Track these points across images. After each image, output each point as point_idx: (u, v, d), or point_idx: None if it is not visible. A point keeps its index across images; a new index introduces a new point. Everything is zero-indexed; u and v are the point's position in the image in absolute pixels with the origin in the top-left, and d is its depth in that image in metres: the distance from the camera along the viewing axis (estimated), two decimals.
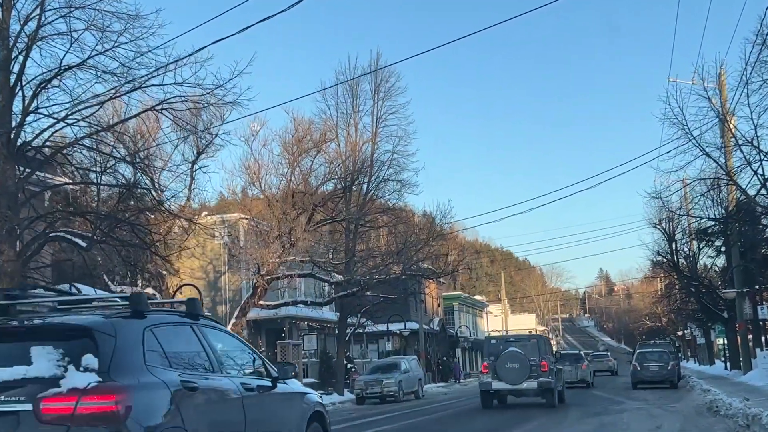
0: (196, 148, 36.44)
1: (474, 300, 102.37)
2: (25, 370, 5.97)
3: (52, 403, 5.78)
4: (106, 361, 6.14)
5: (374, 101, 43.41)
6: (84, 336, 6.28)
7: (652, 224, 49.01)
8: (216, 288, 43.79)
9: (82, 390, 5.82)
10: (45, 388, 5.83)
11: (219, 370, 7.67)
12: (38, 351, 6.08)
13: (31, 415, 5.77)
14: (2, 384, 5.90)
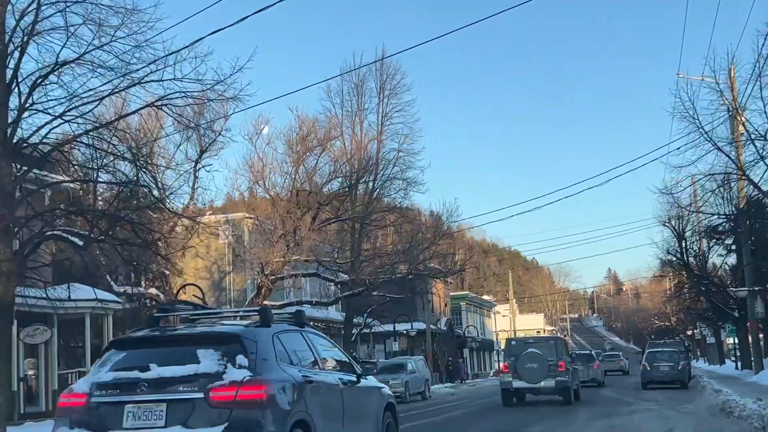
0: (199, 146, 36.10)
1: (482, 300, 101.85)
2: (196, 367, 7.81)
3: (218, 392, 7.62)
4: (253, 360, 8.03)
5: (380, 99, 43.04)
6: (235, 341, 8.19)
7: (662, 222, 48.46)
8: (221, 288, 43.37)
9: (239, 382, 7.68)
10: (212, 381, 7.67)
11: (323, 367, 9.71)
12: (203, 353, 7.97)
13: (203, 401, 7.60)
14: (179, 378, 7.72)
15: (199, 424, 7.60)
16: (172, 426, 7.64)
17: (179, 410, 7.64)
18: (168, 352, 8.21)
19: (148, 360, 8.03)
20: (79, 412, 7.94)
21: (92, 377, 8.18)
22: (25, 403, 26.04)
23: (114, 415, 7.78)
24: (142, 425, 7.71)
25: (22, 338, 24.21)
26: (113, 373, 8.07)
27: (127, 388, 7.86)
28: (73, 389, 8.26)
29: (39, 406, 26.34)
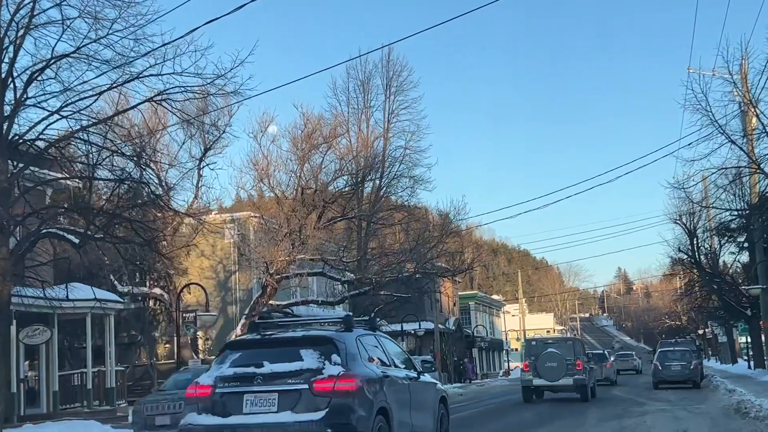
0: (203, 144, 35.69)
1: (491, 299, 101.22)
2: (300, 364, 9.66)
3: (320, 384, 9.45)
4: (344, 358, 9.81)
5: (386, 96, 42.67)
6: (329, 343, 9.99)
7: (673, 220, 47.83)
8: (226, 288, 42.91)
9: (336, 376, 9.50)
10: (314, 375, 9.51)
11: (393, 365, 11.41)
12: (305, 352, 9.83)
13: (308, 391, 9.43)
14: (288, 373, 9.56)
15: (304, 410, 9.44)
16: (283, 411, 9.50)
17: (288, 399, 9.53)
18: (275, 352, 10.10)
19: (260, 358, 9.90)
20: (205, 401, 9.90)
21: (215, 372, 10.15)
22: (26, 404, 25.61)
23: (235, 403, 9.68)
24: (259, 411, 9.57)
25: (21, 339, 23.80)
26: (233, 368, 9.97)
27: (246, 381, 9.72)
28: (199, 382, 10.23)
29: (40, 408, 25.90)
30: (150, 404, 19.93)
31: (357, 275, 36.33)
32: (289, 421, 9.40)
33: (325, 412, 9.35)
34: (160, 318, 36.64)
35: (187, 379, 21.81)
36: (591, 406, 25.55)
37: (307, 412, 9.40)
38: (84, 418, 25.09)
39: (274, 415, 9.47)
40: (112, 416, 25.50)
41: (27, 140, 19.34)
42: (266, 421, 9.46)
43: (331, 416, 9.32)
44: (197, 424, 9.85)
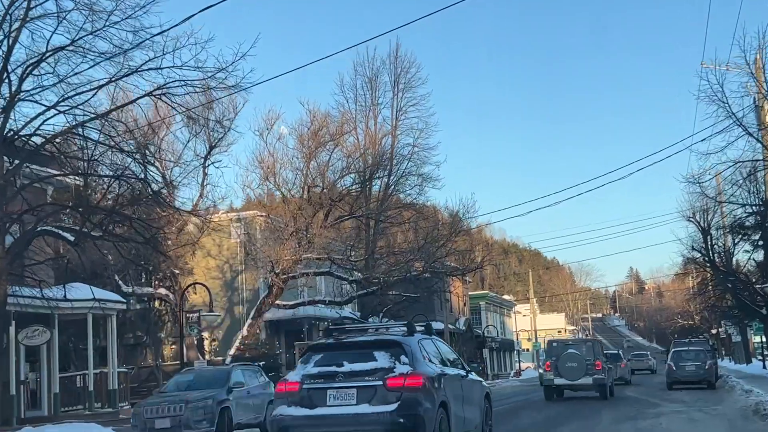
0: (208, 142, 35.17)
1: (501, 299, 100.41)
2: (375, 364, 11.15)
3: (392, 381, 10.90)
4: (410, 358, 11.29)
5: (394, 93, 42.10)
6: (397, 346, 11.50)
7: (686, 217, 47.07)
8: (233, 288, 42.42)
9: (405, 374, 10.95)
10: (387, 373, 10.98)
11: (447, 364, 12.83)
12: (378, 354, 11.32)
13: (382, 387, 10.87)
14: (365, 371, 11.04)
15: (379, 403, 10.94)
16: (361, 404, 10.99)
17: (365, 393, 11.03)
18: (351, 354, 11.60)
19: (340, 359, 11.42)
20: (294, 395, 11.35)
21: (301, 371, 11.61)
22: (27, 407, 25.11)
23: (320, 396, 11.18)
24: (340, 403, 11.06)
25: (20, 340, 23.31)
26: (317, 368, 11.48)
27: (329, 378, 11.23)
28: (288, 379, 11.72)
29: (41, 410, 25.40)
30: (150, 407, 19.42)
31: (364, 274, 35.74)
32: (367, 412, 10.98)
33: (397, 405, 10.93)
34: (166, 318, 36.14)
35: (188, 381, 21.35)
36: (604, 407, 24.97)
37: (381, 405, 10.98)
38: (85, 420, 24.60)
39: (354, 407, 11.05)
40: (114, 419, 25.01)
41: (23, 136, 18.82)
42: (347, 412, 11.05)
43: (402, 408, 10.91)
44: (287, 415, 11.33)
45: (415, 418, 10.91)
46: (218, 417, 19.12)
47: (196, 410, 18.94)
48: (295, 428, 11.23)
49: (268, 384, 22.95)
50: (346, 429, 10.99)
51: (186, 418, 18.79)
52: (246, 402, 20.85)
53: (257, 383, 22.15)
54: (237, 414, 20.11)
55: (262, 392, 22.10)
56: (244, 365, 23.93)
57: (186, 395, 19.62)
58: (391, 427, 10.86)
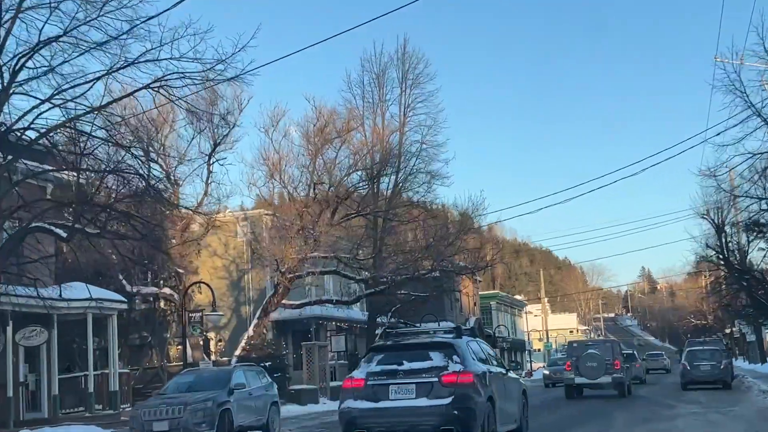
0: (212, 139, 34.59)
1: (512, 299, 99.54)
2: (431, 363, 12.61)
3: (447, 377, 12.31)
4: (461, 358, 12.70)
5: (402, 89, 41.23)
6: (449, 347, 12.95)
7: (700, 215, 46.24)
8: (239, 288, 41.81)
9: (457, 372, 12.38)
10: (441, 371, 12.41)
11: (490, 363, 14.20)
12: (433, 354, 12.77)
13: (438, 383, 12.29)
14: (422, 369, 12.50)
15: (435, 397, 12.31)
16: (419, 398, 12.38)
17: (423, 388, 12.40)
18: (409, 354, 13.06)
19: (400, 359, 12.90)
20: (359, 390, 12.71)
21: (365, 369, 13.00)
22: (26, 409, 24.55)
23: (383, 391, 12.55)
24: (401, 397, 12.46)
25: (18, 340, 22.74)
26: (380, 366, 12.89)
27: (390, 375, 12.66)
28: (353, 376, 13.18)
29: (41, 412, 24.83)
30: (148, 409, 18.85)
31: (372, 273, 35.08)
32: (425, 405, 12.37)
33: (452, 399, 12.31)
34: (171, 319, 35.56)
35: (188, 382, 20.76)
36: (618, 408, 24.39)
37: (438, 399, 12.36)
38: (85, 423, 24.08)
39: (413, 400, 12.45)
40: (115, 421, 24.46)
41: (16, 130, 18.24)
42: (408, 405, 12.44)
43: (456, 402, 12.29)
44: (354, 408, 12.72)
45: (468, 411, 12.38)
46: (218, 419, 18.52)
47: (196, 413, 18.35)
48: (362, 419, 12.64)
49: (270, 385, 22.37)
50: (407, 419, 12.48)
51: (185, 421, 18.20)
52: (248, 404, 20.26)
53: (259, 384, 21.56)
54: (238, 416, 19.51)
55: (265, 393, 21.52)
56: (247, 366, 23.32)
57: (185, 397, 19.05)
58: (447, 419, 12.29)
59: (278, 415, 22.34)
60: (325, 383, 37.65)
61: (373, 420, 12.50)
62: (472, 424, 12.34)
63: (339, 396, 13.86)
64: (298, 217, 33.24)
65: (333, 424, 27.14)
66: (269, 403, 21.47)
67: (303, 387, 35.90)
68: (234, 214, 40.14)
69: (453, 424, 12.22)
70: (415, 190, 39.21)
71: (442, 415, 12.23)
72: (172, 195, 34.97)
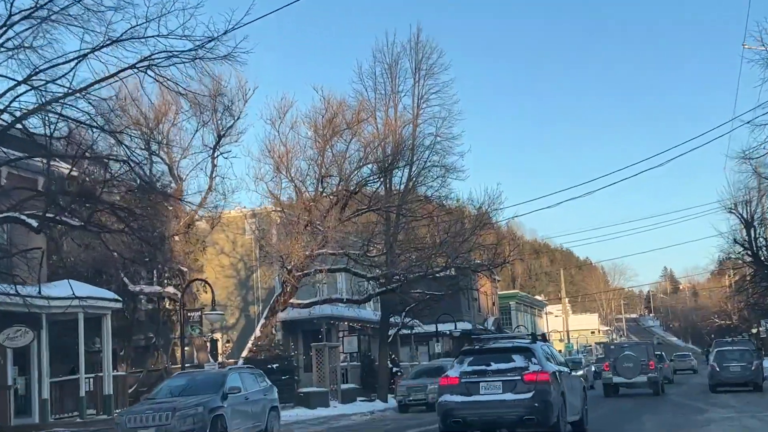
0: (216, 131, 33.14)
1: (532, 299, 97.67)
2: (514, 364, 14.98)
3: (528, 376, 14.64)
4: (538, 359, 15.06)
5: (415, 80, 39.58)
6: (528, 351, 15.32)
7: (728, 209, 44.42)
8: (247, 287, 40.39)
9: (536, 372, 14.71)
10: (523, 371, 14.75)
11: (559, 363, 16.53)
12: (515, 356, 15.19)
13: (521, 380, 14.64)
14: (507, 369, 14.89)
15: (519, 392, 14.46)
16: (505, 393, 14.55)
17: (508, 385, 14.59)
18: (495, 356, 15.28)
19: (487, 360, 15.13)
20: (454, 387, 15.01)
21: (458, 369, 15.29)
22: (15, 413, 23.13)
23: (475, 387, 14.79)
24: (490, 392, 14.66)
25: (2, 341, 21.39)
26: (471, 366, 15.13)
27: (480, 374, 14.89)
28: (449, 375, 15.43)
29: (32, 417, 23.42)
30: (133, 415, 17.37)
31: (383, 270, 33.48)
32: (510, 398, 14.57)
33: (532, 393, 14.44)
34: (175, 319, 34.10)
35: (181, 386, 19.30)
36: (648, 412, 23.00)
37: (521, 394, 14.52)
38: (76, 428, 22.74)
39: (500, 395, 14.66)
40: (108, 426, 22.91)
41: None
42: (496, 398, 14.67)
43: (536, 396, 14.42)
44: (451, 401, 15.05)
45: (546, 404, 14.52)
46: (210, 426, 17.02)
47: (185, 419, 16.86)
48: (457, 410, 14.98)
49: (270, 389, 20.83)
50: (495, 411, 14.73)
51: (172, 428, 16.72)
52: (243, 409, 18.75)
53: (257, 388, 20.03)
54: (232, 422, 18.01)
55: (263, 398, 19.99)
56: (244, 368, 21.81)
57: (175, 402, 17.57)
58: (529, 410, 14.48)
59: (278, 420, 20.84)
60: (336, 386, 36.11)
61: (466, 411, 14.92)
62: (549, 414, 14.58)
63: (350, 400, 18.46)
64: (306, 211, 31.69)
65: (341, 430, 25.85)
66: (268, 408, 19.98)
67: (312, 390, 34.38)
68: (242, 211, 38.65)
69: (534, 414, 14.49)
70: (428, 184, 37.59)
71: (525, 407, 14.50)
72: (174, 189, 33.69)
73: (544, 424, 14.55)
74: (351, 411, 32.98)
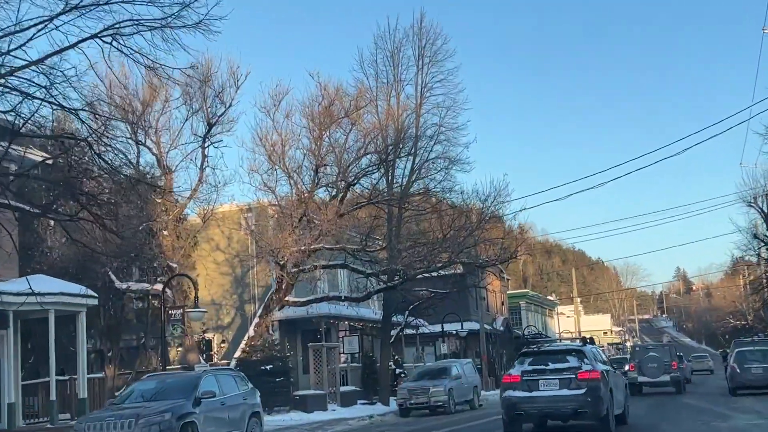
0: (207, 119, 31.38)
1: (543, 298, 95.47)
2: (568, 364, 17.16)
3: (581, 374, 16.71)
4: (589, 360, 17.27)
5: (418, 67, 37.85)
6: (580, 352, 17.64)
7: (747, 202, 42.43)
8: (244, 284, 38.66)
9: (589, 371, 16.78)
10: (577, 370, 16.86)
11: (603, 363, 18.74)
12: (569, 357, 17.42)
13: (575, 379, 16.68)
14: (563, 369, 17.04)
15: (573, 388, 16.75)
16: (562, 389, 16.90)
17: (564, 382, 16.92)
18: (551, 357, 17.77)
19: (545, 361, 17.58)
20: (516, 384, 17.31)
21: (519, 368, 17.60)
22: None
23: (535, 384, 17.11)
24: (548, 388, 17.02)
25: None
26: (531, 366, 17.52)
27: (540, 373, 17.24)
28: (511, 373, 17.75)
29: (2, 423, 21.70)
30: (92, 422, 15.58)
31: (383, 267, 31.62)
32: (566, 394, 16.68)
33: (585, 389, 16.53)
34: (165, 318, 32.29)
35: (151, 390, 17.53)
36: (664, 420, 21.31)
37: (575, 390, 16.61)
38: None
39: (557, 391, 16.79)
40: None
41: None
42: (553, 394, 16.80)
43: (588, 392, 16.50)
44: (514, 396, 17.11)
45: (597, 398, 16.49)
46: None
47: (149, 426, 15.09)
48: (519, 404, 17.03)
49: (251, 393, 18.96)
50: (553, 405, 16.88)
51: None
52: (219, 415, 16.94)
53: (236, 392, 18.21)
54: (206, 430, 16.24)
55: (242, 402, 18.16)
56: (223, 370, 20.04)
57: (140, 408, 15.79)
58: (582, 404, 16.52)
59: (259, 427, 19.01)
60: (335, 388, 34.34)
61: (528, 405, 16.98)
62: (599, 408, 16.58)
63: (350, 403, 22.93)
64: (300, 203, 29.90)
65: None
66: (248, 414, 18.18)
67: (310, 392, 32.66)
68: (238, 205, 36.88)
69: (586, 408, 16.57)
70: (431, 176, 35.79)
71: (579, 402, 16.56)
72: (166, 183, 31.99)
73: (596, 416, 16.82)
74: (350, 415, 31.26)
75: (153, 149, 31.70)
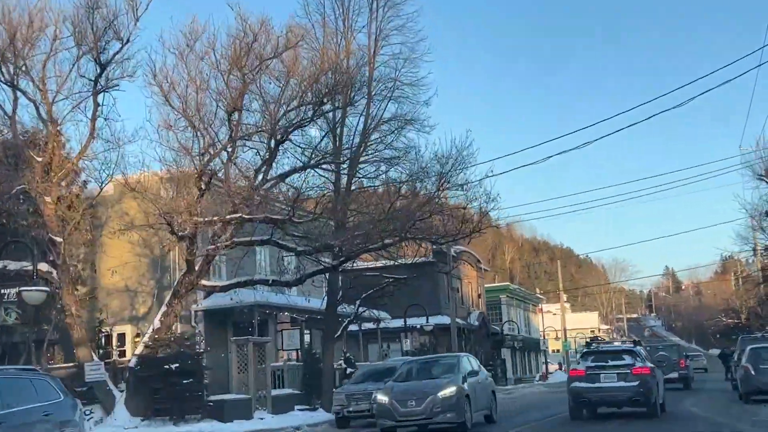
0: (96, 56, 25.23)
1: (525, 292, 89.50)
2: (623, 361, 21.81)
3: (636, 370, 21.39)
4: (640, 358, 22.13)
5: (371, 10, 32.33)
6: (633, 351, 22.41)
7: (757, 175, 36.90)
8: (164, 267, 32.65)
9: (641, 366, 21.62)
10: (632, 366, 21.55)
11: (646, 359, 22.96)
12: (624, 355, 22.20)
13: (630, 373, 21.36)
14: (621, 365, 21.72)
15: (629, 381, 20.96)
16: (619, 381, 21.05)
17: (621, 376, 21.11)
18: (610, 355, 22.11)
19: (605, 358, 21.90)
20: (581, 377, 21.58)
21: (584, 364, 22.01)
22: None
23: (597, 377, 21.30)
24: (608, 381, 21.17)
25: None
26: (594, 363, 21.84)
27: (601, 368, 21.46)
28: (577, 368, 22.36)
29: None
30: None
31: (317, 244, 25.52)
32: (623, 385, 21.00)
33: (639, 382, 20.97)
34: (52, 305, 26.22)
35: None
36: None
37: (630, 382, 20.99)
38: None
39: (615, 383, 21.14)
40: None
41: None
42: (612, 385, 21.16)
43: (641, 384, 20.95)
44: (580, 387, 21.47)
45: (649, 390, 21.08)
46: None
47: None
48: (584, 393, 21.45)
49: (62, 405, 12.85)
50: (612, 394, 21.31)
51: None
52: None
53: (34, 404, 12.20)
54: None
55: (40, 420, 12.15)
56: (14, 373, 13.68)
57: None
58: (636, 394, 21.00)
59: None
60: (265, 392, 28.28)
61: (591, 394, 21.41)
62: (650, 397, 21.11)
63: (285, 409, 27.34)
64: (202, 156, 23.83)
65: None
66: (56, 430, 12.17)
67: (229, 397, 26.69)
68: (157, 173, 30.62)
69: (639, 396, 21.02)
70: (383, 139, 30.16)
71: (633, 392, 20.99)
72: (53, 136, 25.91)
73: (647, 404, 21.24)
74: (278, 425, 25.38)
75: (34, 97, 25.62)
